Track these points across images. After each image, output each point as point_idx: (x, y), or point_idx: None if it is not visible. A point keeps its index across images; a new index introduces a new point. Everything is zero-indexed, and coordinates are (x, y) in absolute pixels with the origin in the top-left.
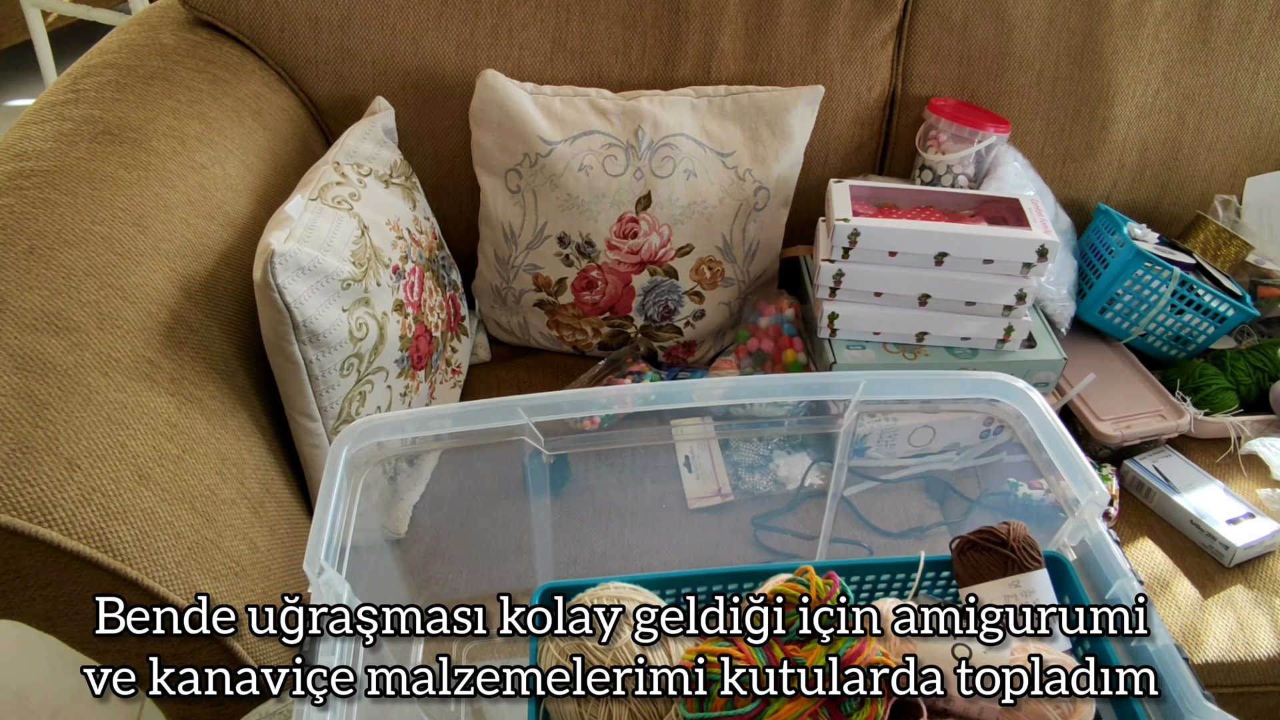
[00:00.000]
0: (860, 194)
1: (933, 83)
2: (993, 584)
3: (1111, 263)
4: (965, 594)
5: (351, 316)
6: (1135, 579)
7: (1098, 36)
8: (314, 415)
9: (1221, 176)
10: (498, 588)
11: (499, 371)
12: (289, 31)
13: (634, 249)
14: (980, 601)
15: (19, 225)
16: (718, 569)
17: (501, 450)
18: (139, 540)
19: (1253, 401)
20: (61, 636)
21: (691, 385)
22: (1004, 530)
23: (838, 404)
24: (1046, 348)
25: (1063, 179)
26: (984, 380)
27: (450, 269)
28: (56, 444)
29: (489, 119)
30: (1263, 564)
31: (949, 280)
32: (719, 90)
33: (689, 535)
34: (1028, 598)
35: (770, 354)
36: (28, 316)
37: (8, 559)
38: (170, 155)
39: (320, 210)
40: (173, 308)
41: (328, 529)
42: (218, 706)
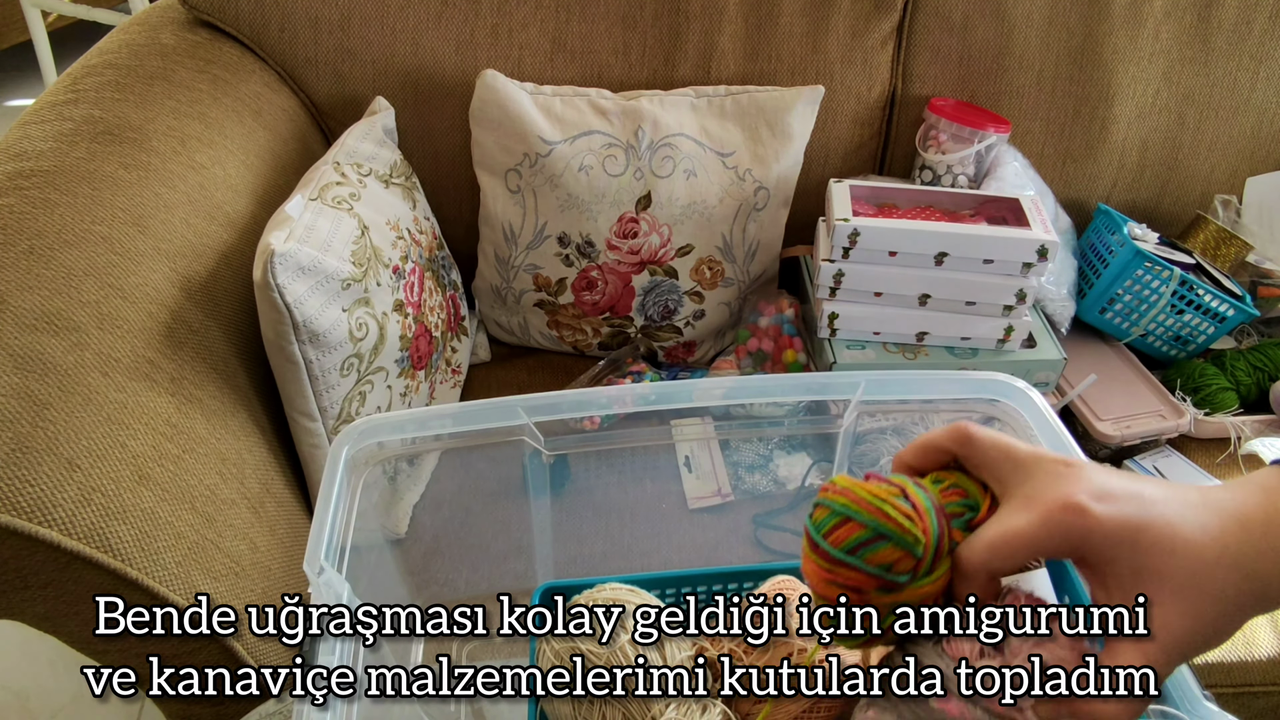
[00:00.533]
0: (860, 194)
1: (933, 83)
2: None
3: (1111, 263)
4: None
5: (351, 316)
6: None
7: (1098, 36)
8: (314, 415)
9: (1221, 176)
10: (498, 588)
11: (499, 371)
12: (289, 31)
13: (634, 249)
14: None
15: (19, 225)
16: (717, 569)
17: (501, 450)
18: (139, 540)
19: (1253, 401)
20: (61, 636)
21: (691, 385)
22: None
23: (838, 404)
24: (1046, 348)
25: (1063, 179)
26: (984, 380)
27: (450, 269)
28: (56, 444)
29: (489, 119)
30: None
31: (949, 280)
32: (719, 90)
33: (689, 535)
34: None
35: (770, 354)
36: (28, 316)
37: (8, 559)
38: (170, 155)
39: (320, 210)
40: (173, 308)
41: (328, 529)
42: (218, 706)
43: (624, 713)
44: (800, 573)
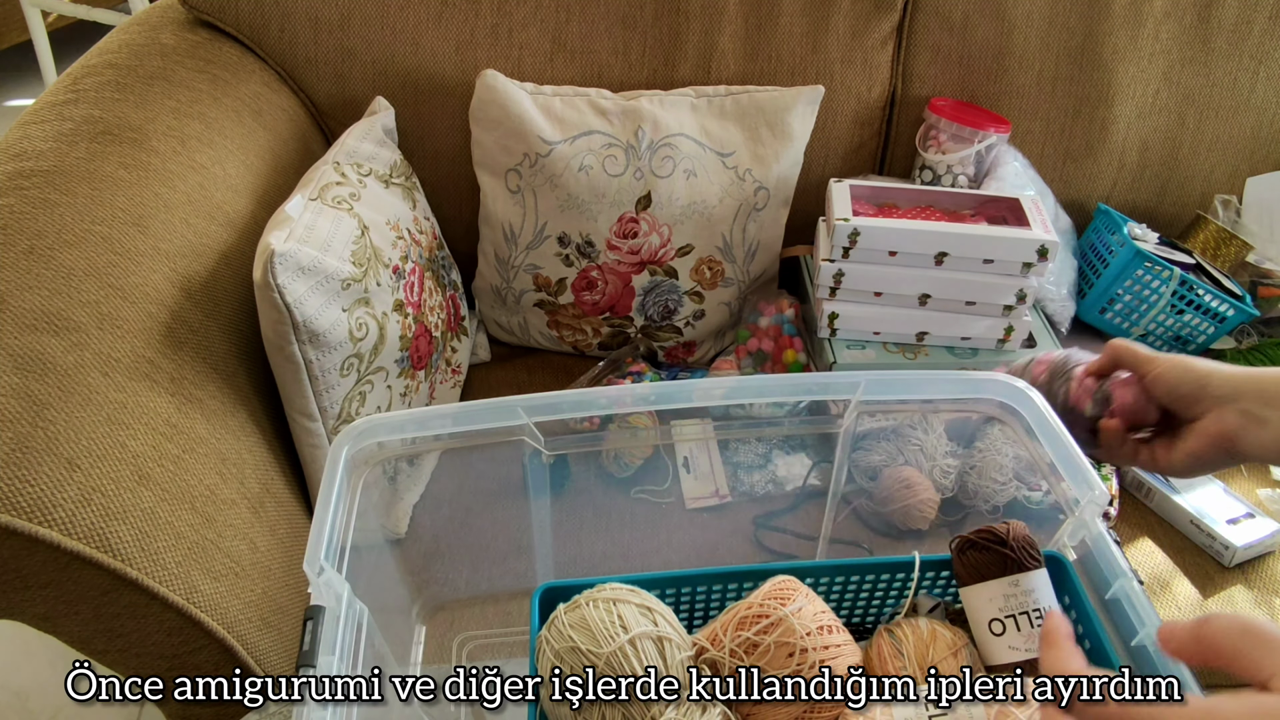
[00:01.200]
0: (860, 194)
1: (933, 83)
2: (992, 583)
3: (1111, 263)
4: (965, 594)
5: (351, 316)
6: (1135, 579)
7: (1098, 36)
8: (314, 415)
9: (1221, 176)
10: (498, 588)
11: (499, 371)
12: (289, 31)
13: (634, 249)
14: (981, 597)
15: (19, 225)
16: (717, 569)
17: (501, 450)
18: (139, 540)
19: None
20: (61, 636)
21: (691, 385)
22: (1003, 530)
23: (838, 404)
24: (1047, 348)
25: (1063, 179)
26: (984, 380)
27: (450, 269)
28: (56, 444)
29: (489, 119)
30: (1263, 564)
31: (949, 280)
32: (719, 90)
33: (689, 535)
34: (1027, 597)
35: (770, 354)
36: (28, 316)
37: (8, 559)
38: (170, 155)
39: (320, 210)
40: (173, 308)
41: (328, 529)
42: (218, 707)
43: (624, 714)
44: (799, 573)
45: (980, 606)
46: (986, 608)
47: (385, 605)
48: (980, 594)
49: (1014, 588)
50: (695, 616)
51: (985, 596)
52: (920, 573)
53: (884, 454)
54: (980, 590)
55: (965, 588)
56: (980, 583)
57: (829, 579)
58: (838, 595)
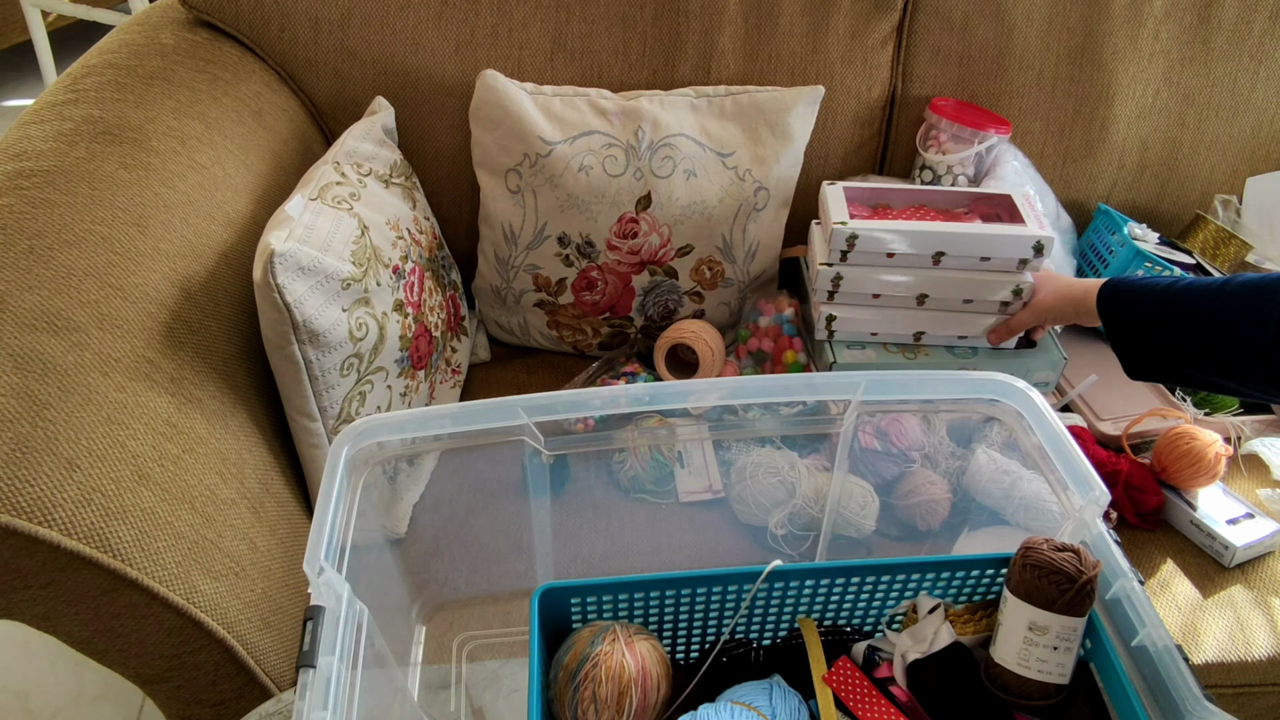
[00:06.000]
0: (854, 196)
1: (933, 83)
2: (1042, 612)
3: (1112, 263)
4: (1011, 600)
5: (351, 316)
6: (1135, 579)
7: (1098, 36)
8: (314, 415)
9: (1221, 176)
10: (498, 588)
11: (499, 371)
12: (289, 31)
13: (634, 249)
14: (1024, 614)
15: (19, 225)
16: (717, 570)
17: (501, 450)
18: (139, 540)
19: (1252, 401)
20: (61, 636)
21: (689, 385)
22: (1075, 572)
23: (838, 404)
24: (1046, 347)
25: (1063, 179)
26: (984, 380)
27: (450, 269)
28: (56, 444)
29: (489, 119)
30: (1262, 564)
31: (946, 279)
32: (719, 90)
33: (689, 536)
34: (1067, 633)
35: (770, 354)
36: (28, 316)
37: (8, 559)
38: (170, 155)
39: (320, 210)
40: (173, 308)
41: (328, 529)
42: (217, 706)
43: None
44: (799, 574)
45: (1020, 618)
46: (1022, 623)
47: (385, 605)
48: (1025, 612)
49: (1059, 623)
50: (695, 616)
51: (1029, 616)
52: (921, 574)
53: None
54: (1027, 609)
55: (1014, 596)
56: (1031, 604)
57: (829, 579)
58: (838, 595)
